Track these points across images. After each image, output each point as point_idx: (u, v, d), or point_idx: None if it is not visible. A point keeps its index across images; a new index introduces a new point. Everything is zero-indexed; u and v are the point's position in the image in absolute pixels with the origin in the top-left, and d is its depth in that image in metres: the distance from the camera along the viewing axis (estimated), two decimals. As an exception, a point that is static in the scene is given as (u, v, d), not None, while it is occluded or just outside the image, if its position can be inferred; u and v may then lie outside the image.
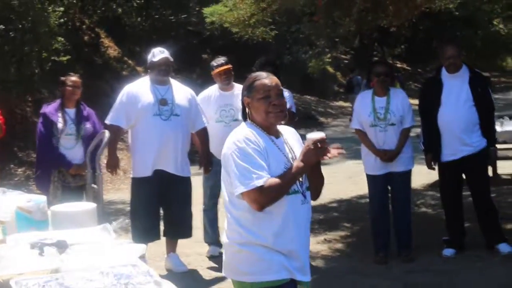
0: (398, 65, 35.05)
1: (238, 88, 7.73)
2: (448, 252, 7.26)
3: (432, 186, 10.93)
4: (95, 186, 5.55)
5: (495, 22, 36.39)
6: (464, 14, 30.95)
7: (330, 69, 29.51)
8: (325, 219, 9.39)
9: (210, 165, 7.52)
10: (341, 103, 27.08)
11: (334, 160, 15.95)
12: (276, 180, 3.49)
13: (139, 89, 7.13)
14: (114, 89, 16.39)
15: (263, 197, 3.48)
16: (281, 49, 22.96)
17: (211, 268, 7.41)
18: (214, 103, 7.71)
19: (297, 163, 3.54)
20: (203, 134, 7.46)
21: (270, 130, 3.67)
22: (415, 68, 38.06)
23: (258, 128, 3.65)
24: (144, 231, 6.93)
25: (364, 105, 7.25)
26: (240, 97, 7.53)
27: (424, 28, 33.25)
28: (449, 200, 7.40)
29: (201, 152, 7.54)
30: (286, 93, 7.52)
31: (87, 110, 7.47)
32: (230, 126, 7.61)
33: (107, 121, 7.12)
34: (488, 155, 7.24)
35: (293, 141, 3.76)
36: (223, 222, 8.08)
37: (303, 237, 3.67)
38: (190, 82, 7.48)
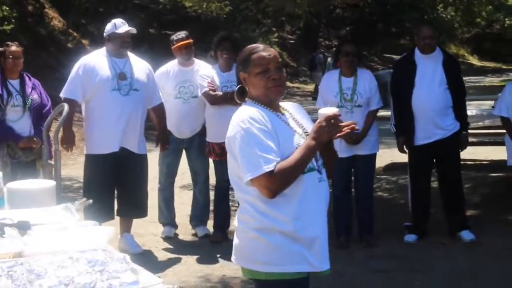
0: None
1: (198, 64, 7.46)
2: (410, 238, 7.12)
3: (385, 170, 10.82)
4: (52, 162, 5.22)
5: (438, 8, 36.63)
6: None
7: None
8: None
9: (167, 142, 7.24)
10: (287, 83, 26.97)
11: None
12: (287, 163, 3.18)
13: (96, 62, 6.77)
14: (59, 62, 15.96)
15: (274, 183, 3.17)
16: (230, 26, 22.64)
17: (166, 250, 7.18)
18: (173, 79, 7.41)
19: (308, 142, 3.21)
20: (160, 110, 7.16)
21: (273, 106, 3.36)
22: (360, 51, 38.16)
23: (260, 105, 3.33)
24: (98, 210, 6.54)
25: (330, 85, 7.05)
26: (200, 72, 7.34)
27: (369, 11, 33.32)
28: (420, 186, 7.21)
29: (158, 129, 7.24)
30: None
31: (32, 81, 6.97)
32: (189, 103, 7.36)
33: (62, 94, 6.74)
34: (460, 140, 7.11)
35: (299, 116, 3.45)
36: (179, 202, 7.90)
37: (323, 218, 3.41)
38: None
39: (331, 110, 3.21)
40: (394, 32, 36.10)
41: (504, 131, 7.65)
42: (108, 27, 6.86)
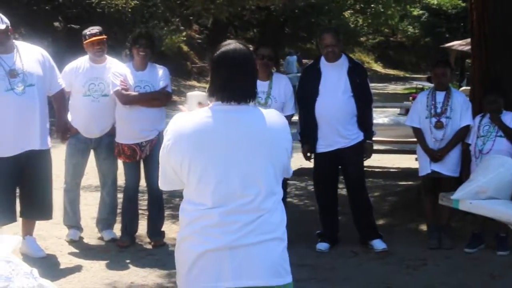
0: (251, 49, 35.00)
1: (110, 61, 7.16)
2: (322, 246, 7.03)
3: (294, 175, 10.72)
4: None
5: (346, 14, 37.12)
6: (319, 2, 31.34)
7: (185, 48, 29.07)
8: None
9: (68, 131, 6.88)
10: (194, 82, 26.76)
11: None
12: None
13: None
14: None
15: None
16: (138, 23, 22.24)
17: (71, 254, 6.84)
18: (83, 75, 7.06)
19: None
20: (60, 97, 6.77)
21: None
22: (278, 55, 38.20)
23: None
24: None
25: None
26: (112, 70, 7.05)
27: (277, 13, 33.42)
28: (323, 193, 7.20)
29: (58, 118, 6.82)
30: (161, 71, 7.06)
31: None
32: (98, 101, 7.06)
33: None
34: (364, 149, 7.08)
35: None
36: (84, 204, 7.58)
37: None
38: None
39: (200, 93, 3.35)
40: (302, 36, 36.35)
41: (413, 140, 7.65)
42: None
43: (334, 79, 6.93)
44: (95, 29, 7.13)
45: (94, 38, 7.04)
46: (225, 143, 3.09)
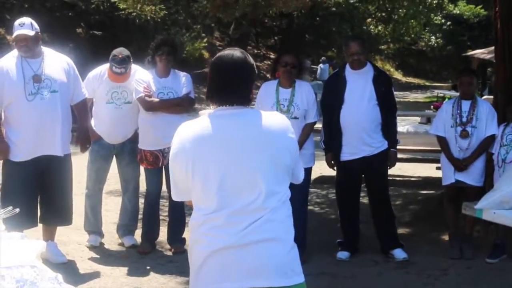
0: (272, 56, 35.08)
1: (134, 68, 7.18)
2: (342, 255, 7.01)
3: (314, 183, 10.72)
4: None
5: (367, 21, 37.02)
6: (340, 10, 31.27)
7: (206, 54, 29.12)
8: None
9: (88, 142, 6.91)
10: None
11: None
12: None
13: (8, 67, 6.30)
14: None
15: None
16: (160, 30, 22.33)
17: (92, 259, 6.87)
18: (106, 83, 7.08)
19: None
20: (82, 107, 6.79)
21: None
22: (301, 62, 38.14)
23: None
24: (19, 217, 6.15)
25: (267, 95, 6.88)
26: (136, 76, 7.06)
27: (298, 21, 33.41)
28: (345, 201, 7.17)
29: (79, 127, 6.85)
30: (184, 77, 7.08)
31: None
32: (121, 108, 7.09)
33: None
34: (388, 157, 7.05)
35: None
36: (104, 209, 7.59)
37: None
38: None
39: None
40: (323, 43, 36.31)
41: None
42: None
43: (359, 87, 6.92)
44: (121, 66, 6.99)
45: (117, 77, 7.04)
46: (225, 144, 3.18)
